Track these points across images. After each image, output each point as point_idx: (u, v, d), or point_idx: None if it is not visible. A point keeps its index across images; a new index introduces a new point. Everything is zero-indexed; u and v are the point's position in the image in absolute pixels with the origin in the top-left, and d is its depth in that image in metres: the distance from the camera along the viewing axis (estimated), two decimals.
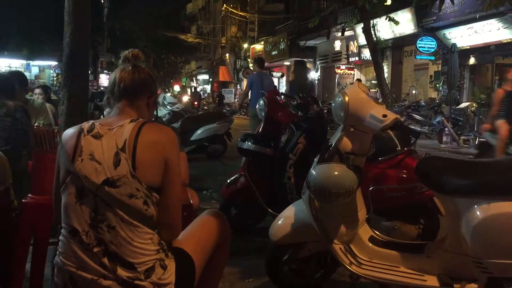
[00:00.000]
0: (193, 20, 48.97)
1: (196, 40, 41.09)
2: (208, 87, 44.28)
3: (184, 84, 45.59)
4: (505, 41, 13.96)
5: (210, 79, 44.61)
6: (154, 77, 1.97)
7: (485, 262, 2.17)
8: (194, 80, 49.32)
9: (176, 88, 40.05)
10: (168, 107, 10.70)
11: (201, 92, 37.99)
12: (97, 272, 1.67)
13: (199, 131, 8.60)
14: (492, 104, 7.05)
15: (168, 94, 16.82)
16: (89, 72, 5.35)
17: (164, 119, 9.32)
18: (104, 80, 22.73)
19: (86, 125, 1.79)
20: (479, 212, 2.17)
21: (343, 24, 16.04)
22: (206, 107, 26.46)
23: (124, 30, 24.94)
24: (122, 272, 1.67)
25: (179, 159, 1.84)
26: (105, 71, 25.82)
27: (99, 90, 17.25)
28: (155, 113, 2.43)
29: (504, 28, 13.62)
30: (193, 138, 8.55)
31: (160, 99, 10.78)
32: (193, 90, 31.83)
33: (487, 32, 14.24)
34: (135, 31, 29.80)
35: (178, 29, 37.71)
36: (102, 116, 5.62)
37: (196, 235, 1.98)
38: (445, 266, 2.37)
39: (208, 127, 8.65)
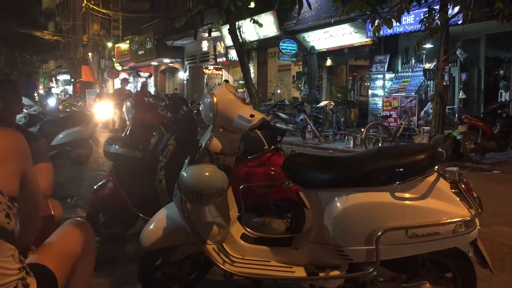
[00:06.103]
0: (50, 16, 45.53)
1: (55, 37, 38.23)
2: (70, 88, 41.51)
3: (42, 84, 42.18)
4: (356, 44, 15.34)
5: (72, 80, 41.88)
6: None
7: (345, 249, 2.34)
8: (54, 81, 45.90)
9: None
10: (24, 110, 9.82)
11: (63, 93, 35.65)
12: None
13: (60, 135, 8.00)
14: None
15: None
16: None
17: (20, 123, 8.53)
18: None
19: None
20: (339, 203, 2.34)
21: (210, 25, 16.20)
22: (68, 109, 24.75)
23: None
24: None
25: (31, 160, 1.73)
26: None
27: None
28: None
29: (355, 32, 14.95)
30: (54, 143, 7.93)
31: None
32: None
33: (341, 36, 15.50)
34: None
35: (33, 25, 34.63)
36: None
37: (58, 248, 1.84)
38: (311, 256, 2.51)
39: (71, 130, 8.09)
